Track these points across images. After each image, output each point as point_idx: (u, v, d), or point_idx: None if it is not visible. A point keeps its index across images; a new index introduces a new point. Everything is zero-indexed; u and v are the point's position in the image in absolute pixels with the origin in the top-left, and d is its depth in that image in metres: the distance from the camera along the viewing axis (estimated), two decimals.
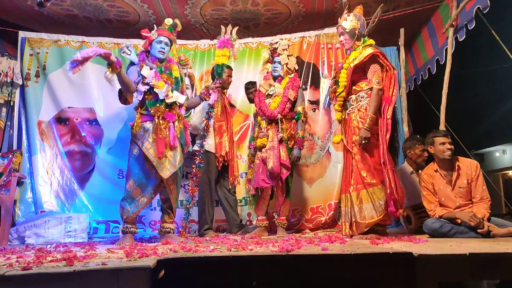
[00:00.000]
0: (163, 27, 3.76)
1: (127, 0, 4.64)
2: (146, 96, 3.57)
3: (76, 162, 4.76)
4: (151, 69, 3.60)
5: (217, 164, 4.17)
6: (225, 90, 4.39)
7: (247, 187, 4.09)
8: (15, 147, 4.60)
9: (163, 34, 3.71)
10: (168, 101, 3.59)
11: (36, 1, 3.77)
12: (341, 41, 3.70)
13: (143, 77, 3.55)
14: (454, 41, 4.51)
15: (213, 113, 4.23)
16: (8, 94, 4.70)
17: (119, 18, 5.04)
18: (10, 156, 4.38)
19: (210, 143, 4.23)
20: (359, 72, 3.52)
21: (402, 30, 4.98)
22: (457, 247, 2.46)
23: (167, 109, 3.61)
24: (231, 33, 4.16)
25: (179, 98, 3.67)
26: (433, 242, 2.83)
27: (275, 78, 4.17)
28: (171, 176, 3.56)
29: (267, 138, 4.02)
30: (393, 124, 3.42)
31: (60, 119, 4.79)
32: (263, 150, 4.01)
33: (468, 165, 3.47)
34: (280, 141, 3.99)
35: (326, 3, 4.79)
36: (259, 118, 4.18)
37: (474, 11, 4.09)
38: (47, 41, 4.87)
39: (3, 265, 2.07)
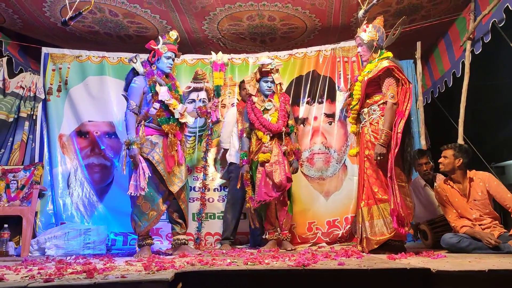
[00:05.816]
0: (169, 41, 3.80)
1: (146, 16, 4.75)
2: (158, 113, 3.63)
3: (96, 174, 4.84)
4: (160, 85, 3.66)
5: None
6: None
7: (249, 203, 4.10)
8: (36, 160, 4.70)
9: (172, 50, 3.77)
10: (182, 120, 3.69)
11: (61, 20, 3.88)
12: (359, 52, 3.63)
13: (155, 94, 3.60)
14: (470, 54, 4.48)
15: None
16: (31, 108, 4.84)
17: (139, 34, 5.15)
18: (32, 168, 4.48)
19: None
20: (374, 85, 3.43)
21: (418, 43, 4.96)
22: (476, 263, 2.43)
23: (178, 128, 3.70)
24: (222, 59, 4.88)
25: (190, 119, 3.79)
26: (451, 258, 2.79)
27: (266, 96, 4.23)
28: (180, 189, 3.65)
29: (271, 153, 4.02)
30: (408, 139, 3.32)
31: (81, 133, 4.89)
32: (267, 165, 4.00)
33: (480, 177, 3.44)
34: (284, 154, 4.05)
35: (342, 17, 4.82)
36: (260, 133, 4.11)
37: (491, 24, 4.07)
38: (69, 56, 4.99)
39: (26, 276, 2.13)
